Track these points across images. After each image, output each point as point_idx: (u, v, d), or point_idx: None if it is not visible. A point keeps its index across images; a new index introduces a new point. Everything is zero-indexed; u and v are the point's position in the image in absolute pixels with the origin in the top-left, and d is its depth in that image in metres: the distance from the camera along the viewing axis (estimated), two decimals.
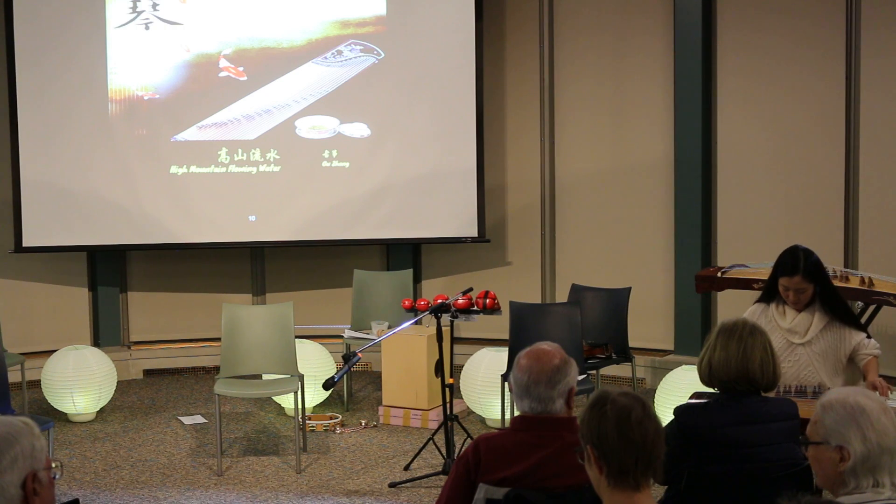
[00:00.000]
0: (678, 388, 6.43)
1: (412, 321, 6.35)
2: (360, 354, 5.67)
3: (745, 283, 6.16)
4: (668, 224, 8.21)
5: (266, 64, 8.43)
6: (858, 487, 2.64)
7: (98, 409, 7.48)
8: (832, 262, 6.76)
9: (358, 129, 8.52)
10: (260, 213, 8.51)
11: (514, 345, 6.54)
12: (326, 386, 5.68)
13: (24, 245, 8.26)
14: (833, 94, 7.65)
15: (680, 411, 3.74)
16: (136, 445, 6.89)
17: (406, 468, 6.35)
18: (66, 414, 7.38)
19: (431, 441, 6.37)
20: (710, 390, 3.89)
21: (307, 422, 7.02)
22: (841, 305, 4.77)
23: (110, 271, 8.76)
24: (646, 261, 8.38)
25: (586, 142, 8.60)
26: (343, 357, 6.01)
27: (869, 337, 4.76)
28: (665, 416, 3.14)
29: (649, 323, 8.24)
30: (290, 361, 6.70)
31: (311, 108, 8.48)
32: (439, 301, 6.33)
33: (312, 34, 8.46)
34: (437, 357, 6.32)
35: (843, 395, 2.71)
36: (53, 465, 2.54)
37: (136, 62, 8.32)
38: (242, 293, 9.02)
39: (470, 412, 7.31)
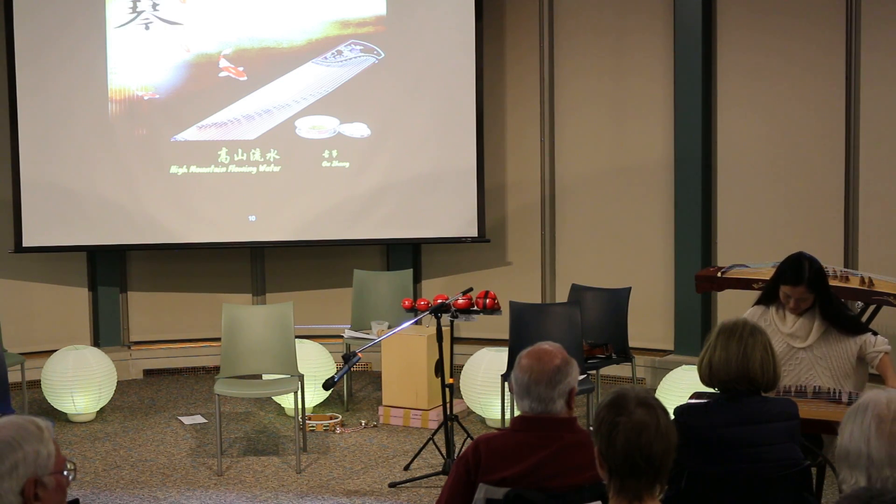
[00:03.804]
0: (678, 388, 6.44)
1: (412, 321, 6.34)
2: (360, 354, 5.66)
3: (745, 283, 6.15)
4: (668, 224, 8.20)
5: (266, 64, 8.43)
6: (841, 472, 2.62)
7: (98, 409, 7.48)
8: (832, 262, 6.75)
9: (358, 129, 8.52)
10: (260, 213, 8.51)
11: (514, 345, 6.54)
12: (326, 386, 5.68)
13: (24, 245, 8.26)
14: (833, 93, 7.64)
15: (680, 411, 3.74)
16: (136, 445, 6.89)
17: (406, 468, 6.35)
18: (66, 414, 7.38)
19: (431, 441, 6.37)
20: (710, 390, 3.88)
21: (307, 422, 7.02)
22: (840, 315, 4.74)
23: (110, 271, 8.75)
24: (646, 261, 8.38)
25: (586, 141, 8.60)
26: (343, 357, 6.00)
27: (875, 334, 4.73)
28: None
29: (649, 323, 8.24)
30: (290, 361, 6.70)
31: (311, 108, 8.48)
32: (439, 301, 6.32)
33: (312, 34, 8.45)
34: (437, 357, 6.32)
35: (881, 393, 2.64)
36: (68, 465, 2.49)
37: (136, 62, 8.32)
38: (242, 293, 9.02)
39: (470, 412, 7.31)
